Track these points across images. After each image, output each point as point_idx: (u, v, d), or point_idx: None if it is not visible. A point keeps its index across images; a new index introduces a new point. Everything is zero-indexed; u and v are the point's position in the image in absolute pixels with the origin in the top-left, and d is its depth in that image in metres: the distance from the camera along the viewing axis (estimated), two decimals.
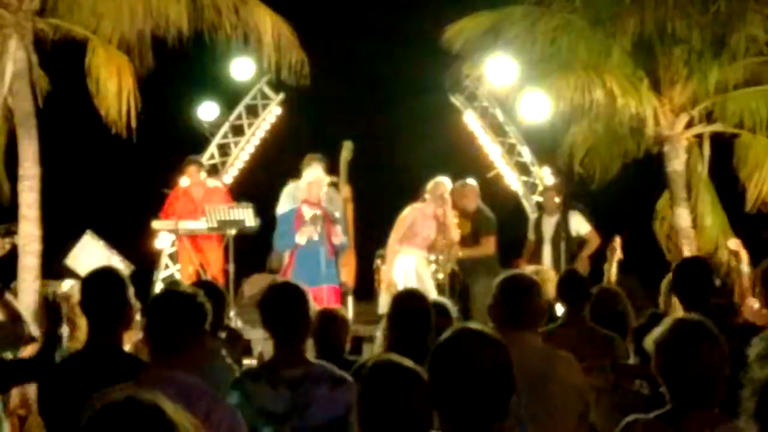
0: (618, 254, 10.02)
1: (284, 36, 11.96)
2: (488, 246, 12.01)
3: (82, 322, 6.03)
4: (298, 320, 4.85)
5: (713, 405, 3.64)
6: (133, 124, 11.15)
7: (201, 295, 4.31)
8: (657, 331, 3.76)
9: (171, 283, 7.93)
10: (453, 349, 3.22)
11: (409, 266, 11.39)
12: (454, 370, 3.15)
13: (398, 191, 12.45)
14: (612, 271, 9.93)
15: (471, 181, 12.24)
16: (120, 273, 5.02)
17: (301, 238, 10.93)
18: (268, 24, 11.84)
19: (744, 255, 8.67)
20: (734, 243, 9.28)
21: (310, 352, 5.35)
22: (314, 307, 5.07)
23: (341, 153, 11.99)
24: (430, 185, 11.59)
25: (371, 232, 12.42)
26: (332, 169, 12.01)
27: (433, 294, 10.67)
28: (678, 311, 6.25)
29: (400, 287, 11.21)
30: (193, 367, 4.18)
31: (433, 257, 11.69)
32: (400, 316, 5.44)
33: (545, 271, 9.95)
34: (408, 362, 3.42)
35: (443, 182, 11.60)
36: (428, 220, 11.51)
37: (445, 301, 6.30)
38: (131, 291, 4.86)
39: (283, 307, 4.87)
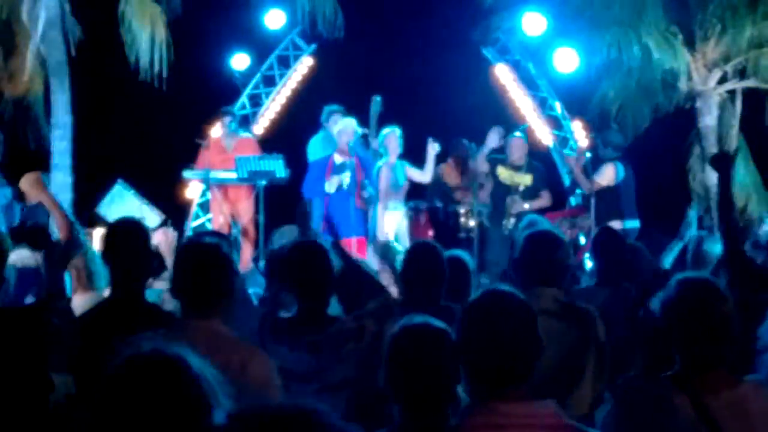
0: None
1: None
2: (546, 199, 11.99)
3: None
4: (320, 279, 4.82)
5: (723, 365, 3.60)
6: (164, 73, 11.18)
7: (226, 245, 4.32)
8: (665, 291, 3.73)
9: (193, 235, 7.93)
10: (482, 312, 3.28)
11: (396, 223, 11.46)
12: (482, 333, 3.22)
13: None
14: None
15: (517, 134, 12.10)
16: (141, 223, 5.02)
17: (330, 186, 10.96)
18: None
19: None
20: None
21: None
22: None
23: (370, 108, 11.96)
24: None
25: None
26: (360, 122, 12.00)
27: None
28: None
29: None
30: (224, 318, 4.18)
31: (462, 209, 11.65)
32: (413, 271, 5.45)
33: None
34: (436, 323, 3.45)
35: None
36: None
37: (461, 254, 6.26)
38: (153, 242, 4.88)
39: (306, 266, 4.83)
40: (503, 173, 11.70)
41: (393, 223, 11.62)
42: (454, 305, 5.00)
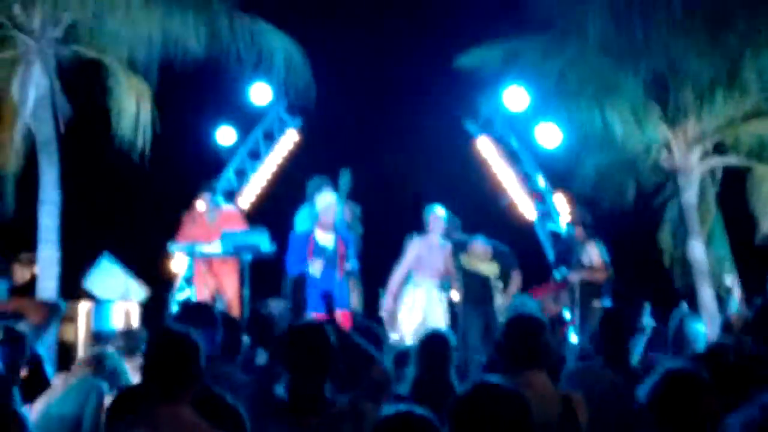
0: (648, 330, 9.99)
1: (295, 59, 12.11)
2: (517, 280, 12.09)
3: None
4: (320, 363, 4.80)
5: None
6: (148, 150, 11.31)
7: (194, 334, 4.39)
8: (649, 383, 3.80)
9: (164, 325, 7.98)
10: (474, 405, 3.32)
11: (417, 300, 11.50)
12: (475, 427, 3.25)
13: (410, 217, 12.50)
14: None
15: (480, 240, 12.07)
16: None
17: (312, 269, 10.98)
18: (280, 47, 12.01)
19: (737, 292, 8.69)
20: (730, 279, 9.30)
21: None
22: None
23: (339, 180, 12.04)
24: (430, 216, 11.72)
25: (379, 258, 12.48)
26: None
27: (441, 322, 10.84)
28: None
29: (398, 322, 11.37)
30: (188, 401, 4.29)
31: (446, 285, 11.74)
32: (426, 357, 5.60)
33: None
34: (419, 411, 3.46)
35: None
36: (436, 250, 11.61)
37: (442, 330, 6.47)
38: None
39: (306, 350, 4.80)
40: (468, 262, 11.77)
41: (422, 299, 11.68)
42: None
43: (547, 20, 12.08)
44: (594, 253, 11.63)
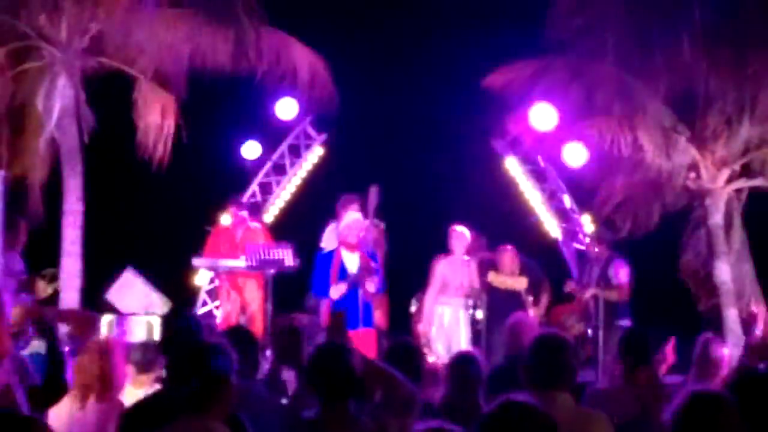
0: (669, 360, 9.91)
1: (320, 74, 12.14)
2: (546, 298, 12.07)
3: None
4: (345, 384, 4.84)
5: None
6: (170, 162, 11.35)
7: (226, 345, 4.39)
8: (675, 404, 3.77)
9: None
10: (501, 423, 3.31)
11: (442, 320, 11.47)
12: None
13: (436, 235, 12.45)
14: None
15: (508, 247, 12.13)
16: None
17: (334, 293, 10.94)
18: (305, 61, 12.05)
19: (760, 320, 8.59)
20: (755, 303, 9.24)
21: None
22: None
23: (368, 197, 12.01)
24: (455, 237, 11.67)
25: (406, 276, 12.43)
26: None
27: (463, 344, 10.78)
28: None
29: (433, 343, 11.33)
30: (221, 416, 4.28)
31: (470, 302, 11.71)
32: (456, 378, 5.57)
33: None
34: (449, 427, 3.47)
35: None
36: (459, 268, 11.57)
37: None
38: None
39: (331, 371, 4.85)
40: (496, 279, 11.71)
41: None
42: None
43: (572, 40, 12.07)
44: (621, 273, 11.56)
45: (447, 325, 11.47)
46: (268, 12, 11.98)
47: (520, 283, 11.83)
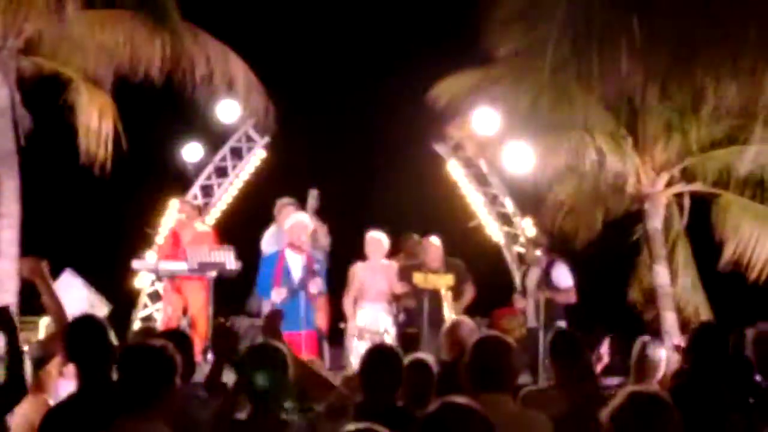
0: (605, 360, 9.98)
1: (252, 84, 12.14)
2: (470, 292, 11.96)
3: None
4: (276, 385, 4.86)
5: None
6: (109, 164, 11.23)
7: (170, 348, 4.36)
8: (612, 404, 3.77)
9: (141, 333, 7.91)
10: (439, 424, 3.32)
11: (363, 323, 11.35)
12: None
13: None
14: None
15: (434, 239, 11.88)
16: (100, 318, 5.13)
17: (276, 296, 10.90)
18: (241, 71, 12.04)
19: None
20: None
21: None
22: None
23: (307, 201, 11.97)
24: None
25: (346, 280, 12.40)
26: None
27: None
28: None
29: (354, 346, 11.22)
30: (163, 418, 4.28)
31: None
32: (369, 374, 5.42)
33: None
34: (379, 429, 3.44)
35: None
36: (377, 273, 11.48)
37: (426, 357, 6.23)
38: (112, 334, 5.06)
39: (262, 372, 4.87)
40: (418, 278, 11.60)
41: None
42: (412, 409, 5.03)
43: (513, 50, 12.15)
44: (563, 276, 11.60)
45: (371, 331, 11.30)
46: (201, 18, 11.99)
47: (446, 280, 11.66)
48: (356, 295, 11.48)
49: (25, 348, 5.35)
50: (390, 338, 11.07)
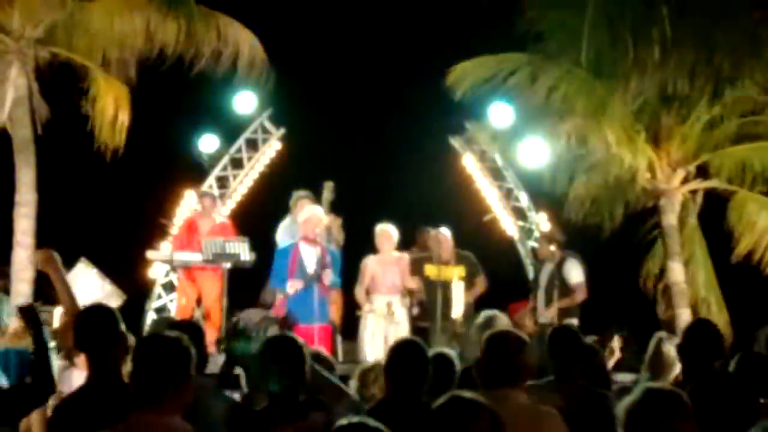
0: (616, 355, 9.94)
1: (257, 52, 12.15)
2: (481, 284, 11.97)
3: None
4: (293, 375, 4.84)
5: None
6: (121, 151, 11.26)
7: (186, 339, 4.34)
8: (627, 400, 3.76)
9: (157, 324, 7.94)
10: (446, 418, 3.31)
11: (375, 319, 11.32)
12: None
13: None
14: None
15: (441, 229, 11.85)
16: (110, 308, 5.13)
17: (290, 288, 10.90)
18: (258, 61, 12.06)
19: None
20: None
21: None
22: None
23: (323, 193, 11.97)
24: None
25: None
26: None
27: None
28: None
29: (366, 343, 11.21)
30: (179, 411, 4.21)
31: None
32: (395, 368, 5.40)
33: None
34: (372, 423, 3.46)
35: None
36: (389, 266, 11.46)
37: (449, 352, 6.21)
38: (122, 324, 5.02)
39: (281, 363, 4.86)
40: (431, 271, 11.60)
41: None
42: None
43: (537, 37, 12.08)
44: (575, 272, 11.57)
45: (384, 325, 11.27)
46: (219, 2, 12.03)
47: (458, 272, 11.67)
48: (368, 288, 11.47)
49: (52, 345, 5.35)
50: (403, 330, 11.08)
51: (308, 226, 11.12)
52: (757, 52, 11.46)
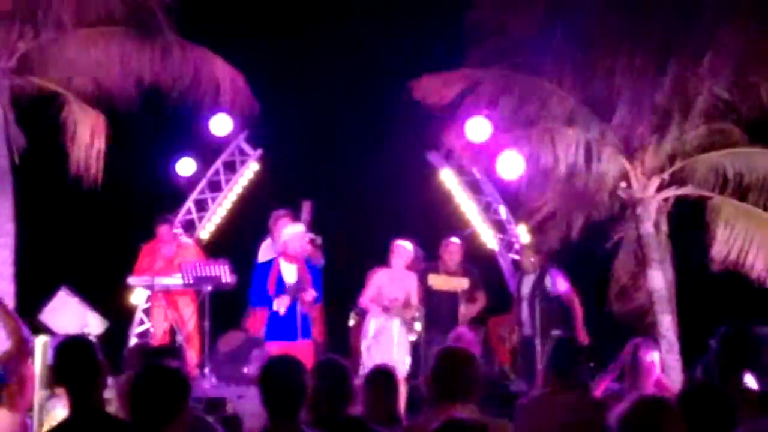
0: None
1: (240, 88, 12.21)
2: (482, 301, 12.10)
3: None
4: (294, 397, 4.81)
5: None
6: (101, 181, 11.29)
7: (183, 370, 4.41)
8: (619, 409, 3.81)
9: (136, 351, 7.88)
10: None
11: (376, 331, 11.37)
12: None
13: (372, 248, 12.47)
14: None
15: (455, 240, 12.26)
16: (87, 339, 5.16)
17: (278, 306, 10.95)
18: (227, 77, 12.13)
19: None
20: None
21: None
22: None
23: (301, 212, 12.01)
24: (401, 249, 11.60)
25: (343, 291, 12.43)
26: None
27: (395, 356, 10.74)
28: None
29: (363, 356, 11.26)
30: None
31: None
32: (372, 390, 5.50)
33: None
34: None
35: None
36: (398, 281, 11.51)
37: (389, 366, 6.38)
38: (101, 354, 5.05)
39: (281, 384, 4.82)
40: (436, 281, 11.67)
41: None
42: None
43: (502, 52, 12.18)
44: (559, 282, 11.65)
45: (381, 337, 11.34)
46: (190, 29, 12.06)
47: (461, 283, 11.77)
48: (372, 299, 11.53)
49: None
50: (402, 346, 11.18)
51: (291, 243, 11.17)
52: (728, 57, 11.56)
